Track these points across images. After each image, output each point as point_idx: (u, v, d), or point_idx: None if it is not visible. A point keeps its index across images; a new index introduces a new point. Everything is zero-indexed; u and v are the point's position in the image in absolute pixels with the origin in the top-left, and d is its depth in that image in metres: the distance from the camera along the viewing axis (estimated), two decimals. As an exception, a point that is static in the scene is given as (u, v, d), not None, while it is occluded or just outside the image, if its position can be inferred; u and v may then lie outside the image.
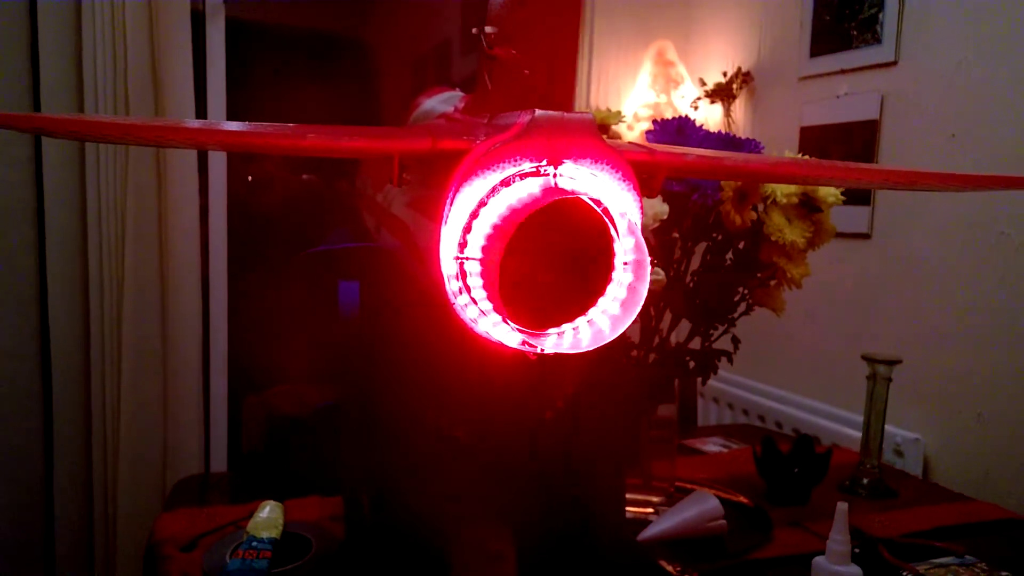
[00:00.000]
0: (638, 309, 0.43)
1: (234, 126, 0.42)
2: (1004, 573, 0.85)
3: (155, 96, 1.61)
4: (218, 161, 1.80)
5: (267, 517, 0.83)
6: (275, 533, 0.79)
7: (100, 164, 1.57)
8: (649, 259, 0.42)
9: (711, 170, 0.54)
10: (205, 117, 1.77)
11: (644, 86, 2.01)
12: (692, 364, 0.96)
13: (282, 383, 1.17)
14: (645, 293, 0.42)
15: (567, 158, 0.42)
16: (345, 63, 2.93)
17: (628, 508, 0.97)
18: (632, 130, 1.82)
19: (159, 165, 1.63)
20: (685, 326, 0.97)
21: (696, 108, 1.98)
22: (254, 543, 0.77)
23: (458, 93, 0.84)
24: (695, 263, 0.93)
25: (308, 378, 1.11)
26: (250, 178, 2.54)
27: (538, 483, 0.70)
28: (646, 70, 2.02)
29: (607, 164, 0.43)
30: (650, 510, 0.98)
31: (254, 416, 1.12)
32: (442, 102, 0.84)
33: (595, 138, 0.43)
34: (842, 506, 0.74)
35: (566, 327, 0.45)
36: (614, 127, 1.00)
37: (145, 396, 1.64)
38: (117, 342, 1.61)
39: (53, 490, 1.63)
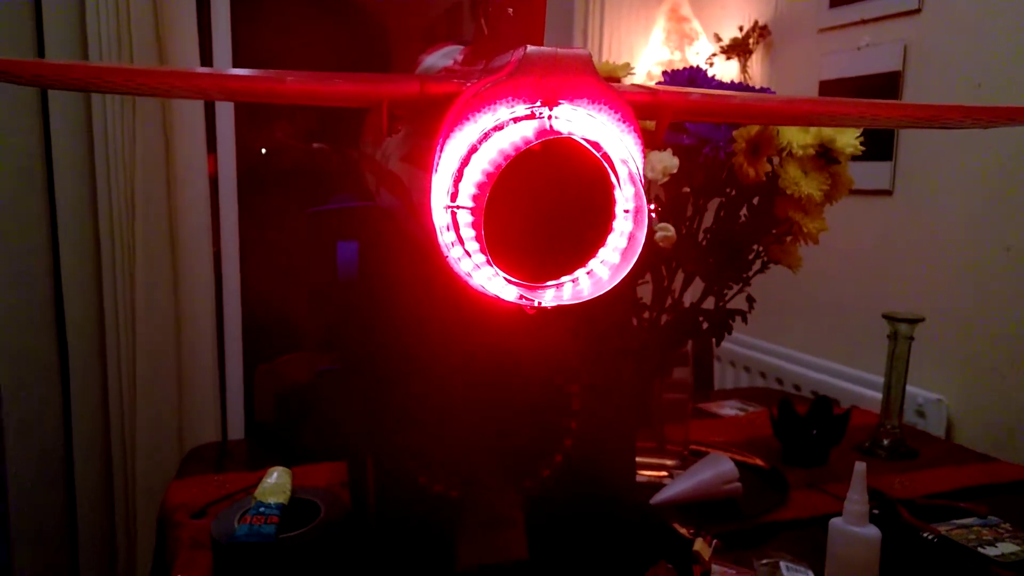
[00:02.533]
0: (636, 257, 0.40)
1: (213, 71, 0.40)
2: (1029, 533, 0.83)
3: (159, 53, 1.59)
4: (227, 128, 1.78)
5: (275, 483, 0.82)
6: (283, 499, 0.79)
7: (108, 134, 1.57)
8: (649, 206, 0.40)
9: (719, 110, 0.51)
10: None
11: (658, 43, 1.95)
12: (706, 325, 0.93)
13: (294, 350, 1.17)
14: (643, 240, 0.40)
15: (562, 98, 0.40)
16: (355, 28, 2.89)
17: (642, 472, 0.96)
18: (645, 89, 1.77)
19: (167, 133, 1.62)
20: (699, 286, 0.94)
21: (711, 65, 1.93)
22: (262, 508, 0.76)
23: (459, 48, 0.81)
24: (708, 220, 0.91)
25: (315, 344, 1.10)
26: (264, 151, 2.52)
27: (549, 451, 0.69)
28: (659, 26, 1.97)
29: (605, 104, 0.40)
30: (664, 473, 0.96)
31: (264, 385, 1.12)
32: (443, 56, 0.81)
33: (592, 76, 0.40)
34: (860, 466, 0.72)
35: (565, 279, 0.43)
36: (625, 82, 0.96)
37: (160, 366, 1.65)
38: (130, 312, 1.61)
39: (73, 461, 1.65)
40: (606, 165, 0.41)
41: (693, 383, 1.01)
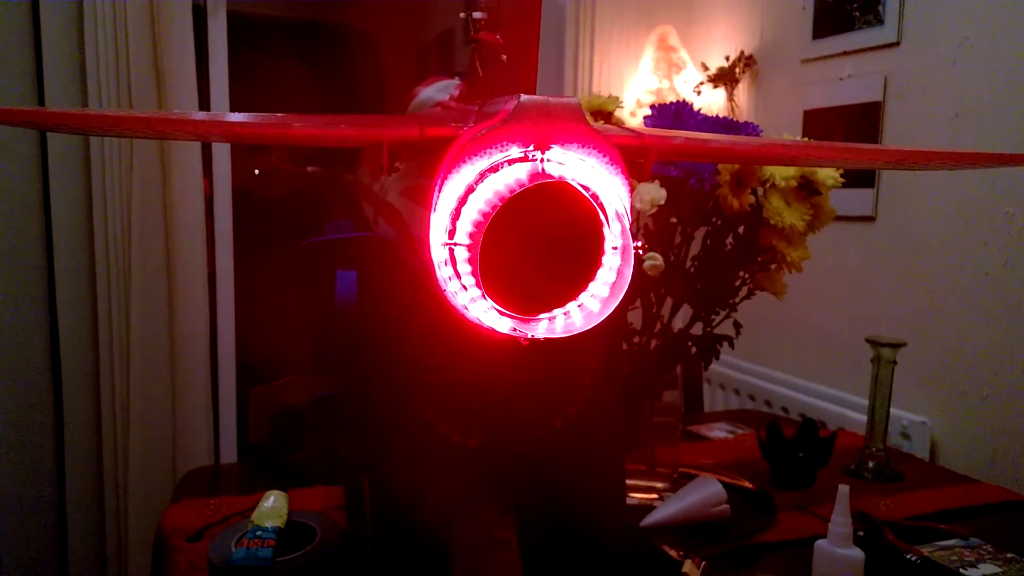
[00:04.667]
0: (624, 291, 0.43)
1: (222, 118, 0.42)
2: (1009, 555, 0.85)
3: (158, 90, 1.62)
4: (222, 154, 1.81)
5: (271, 507, 0.84)
6: (279, 522, 0.80)
7: (105, 159, 1.58)
8: (634, 244, 0.42)
9: (699, 152, 0.54)
10: (208, 110, 1.78)
11: (646, 72, 1.99)
12: (694, 349, 0.96)
13: (289, 374, 1.18)
14: (630, 275, 0.42)
15: (554, 143, 0.42)
16: (350, 55, 2.93)
17: (633, 494, 0.97)
18: (635, 116, 1.81)
19: (164, 158, 1.64)
20: (687, 312, 0.97)
21: (699, 93, 1.97)
22: (258, 532, 0.77)
23: (455, 81, 0.84)
24: (695, 248, 0.93)
25: (311, 369, 1.12)
26: (257, 171, 2.55)
27: (539, 472, 0.70)
28: (648, 56, 2.01)
29: (594, 149, 0.43)
30: (654, 496, 0.98)
31: (260, 408, 1.13)
32: (439, 90, 0.84)
33: (581, 123, 0.42)
34: (843, 488, 0.74)
35: (557, 312, 0.45)
36: (616, 113, 0.99)
37: (154, 389, 1.65)
38: (125, 335, 1.62)
39: (65, 483, 1.65)
40: (595, 205, 0.43)
41: (682, 406, 1.03)
